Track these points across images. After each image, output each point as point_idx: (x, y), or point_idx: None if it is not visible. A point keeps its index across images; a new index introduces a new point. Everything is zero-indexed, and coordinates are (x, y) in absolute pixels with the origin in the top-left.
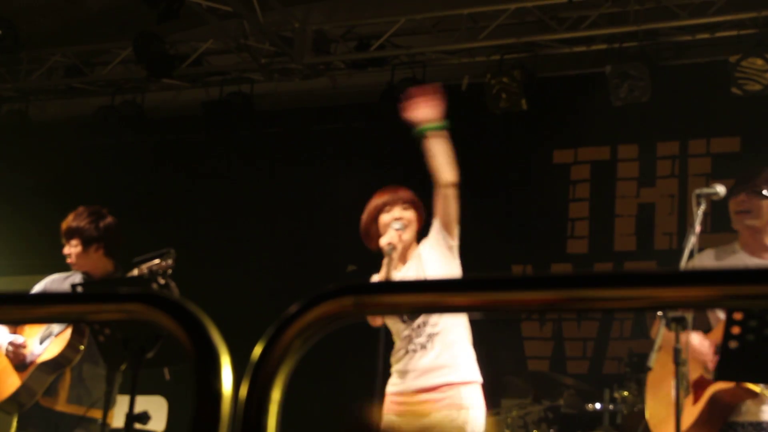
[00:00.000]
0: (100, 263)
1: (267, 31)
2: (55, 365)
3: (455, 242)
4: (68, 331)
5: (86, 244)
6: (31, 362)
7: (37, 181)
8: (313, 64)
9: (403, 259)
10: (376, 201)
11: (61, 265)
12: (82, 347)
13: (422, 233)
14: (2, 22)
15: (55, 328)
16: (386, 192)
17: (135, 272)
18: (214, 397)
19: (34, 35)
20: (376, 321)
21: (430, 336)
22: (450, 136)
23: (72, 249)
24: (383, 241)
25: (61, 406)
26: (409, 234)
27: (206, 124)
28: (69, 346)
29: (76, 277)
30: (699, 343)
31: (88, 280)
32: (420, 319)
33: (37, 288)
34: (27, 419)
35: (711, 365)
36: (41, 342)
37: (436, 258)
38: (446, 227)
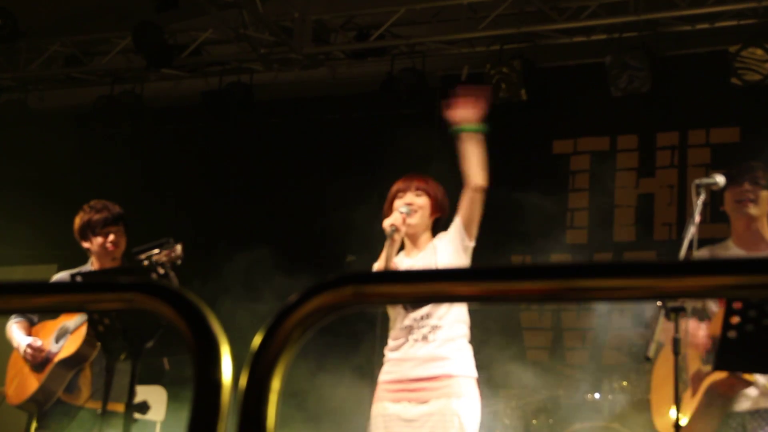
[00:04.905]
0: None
1: (266, 20)
2: (72, 362)
3: (472, 244)
4: (83, 328)
5: (125, 229)
6: (49, 361)
7: (36, 170)
8: (313, 54)
9: (417, 246)
10: (394, 187)
11: (55, 255)
12: (98, 343)
13: (443, 227)
14: (1, 12)
15: (71, 325)
16: (403, 179)
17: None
18: (213, 387)
19: (34, 25)
20: None
21: (433, 328)
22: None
23: (118, 235)
24: (385, 223)
25: (85, 401)
26: (417, 219)
27: (205, 113)
28: (85, 343)
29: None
30: (694, 328)
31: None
32: (423, 311)
33: None
34: (48, 417)
35: (703, 351)
36: (57, 340)
37: (450, 252)
38: (467, 227)
